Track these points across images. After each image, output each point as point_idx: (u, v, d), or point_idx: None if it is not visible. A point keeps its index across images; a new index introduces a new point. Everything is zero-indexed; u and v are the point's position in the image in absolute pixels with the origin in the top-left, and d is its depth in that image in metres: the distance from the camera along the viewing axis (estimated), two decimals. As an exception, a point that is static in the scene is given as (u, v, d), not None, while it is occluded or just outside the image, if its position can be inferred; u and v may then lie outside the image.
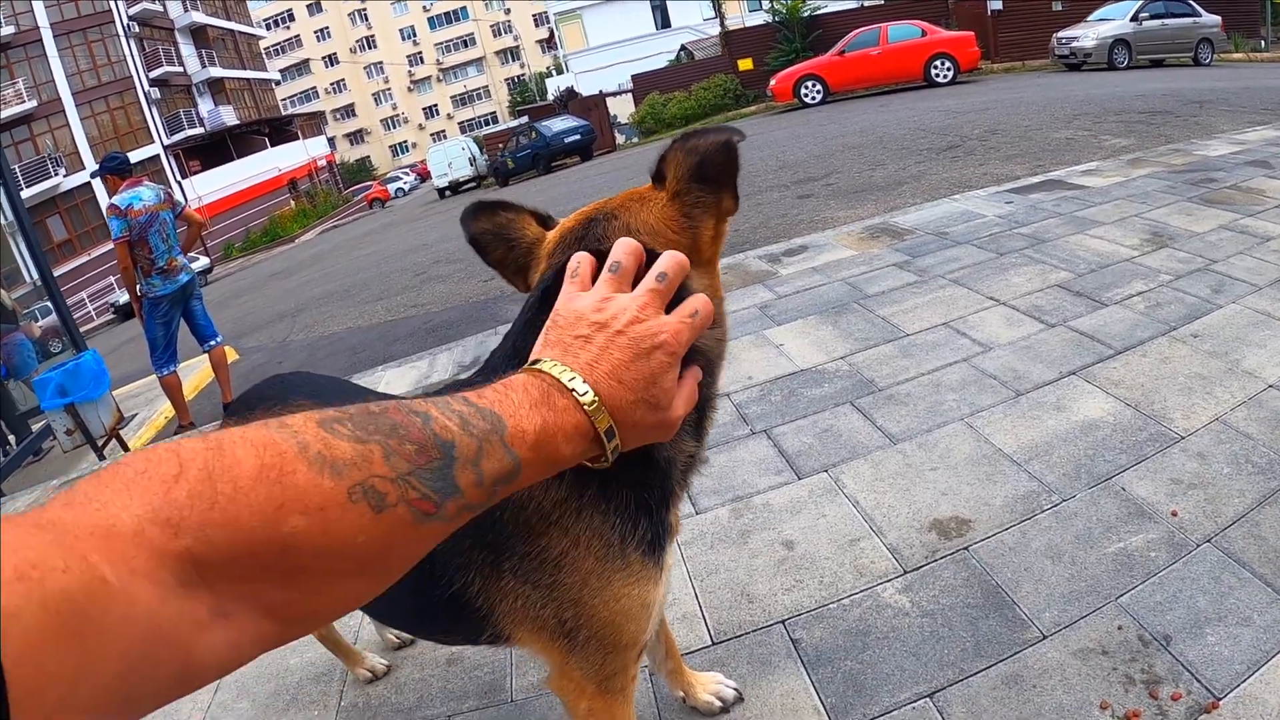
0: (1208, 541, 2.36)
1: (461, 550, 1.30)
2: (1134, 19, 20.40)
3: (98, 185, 36.74)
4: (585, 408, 0.88)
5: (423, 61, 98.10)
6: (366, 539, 0.68)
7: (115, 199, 6.67)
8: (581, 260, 1.05)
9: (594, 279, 1.02)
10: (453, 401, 0.81)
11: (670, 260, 1.01)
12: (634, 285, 1.00)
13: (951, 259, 5.30)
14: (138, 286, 6.89)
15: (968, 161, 9.14)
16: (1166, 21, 20.58)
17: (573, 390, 0.88)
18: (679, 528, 1.42)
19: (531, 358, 0.95)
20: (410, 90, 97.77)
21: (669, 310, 0.98)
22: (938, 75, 21.78)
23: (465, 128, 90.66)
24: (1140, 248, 4.90)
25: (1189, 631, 2.06)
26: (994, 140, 10.29)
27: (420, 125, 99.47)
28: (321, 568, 0.67)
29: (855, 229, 6.58)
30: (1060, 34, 21.77)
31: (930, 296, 4.69)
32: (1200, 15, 20.85)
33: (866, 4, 40.06)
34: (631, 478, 1.20)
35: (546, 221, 1.32)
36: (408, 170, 68.81)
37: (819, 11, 30.37)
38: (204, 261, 34.16)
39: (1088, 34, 20.62)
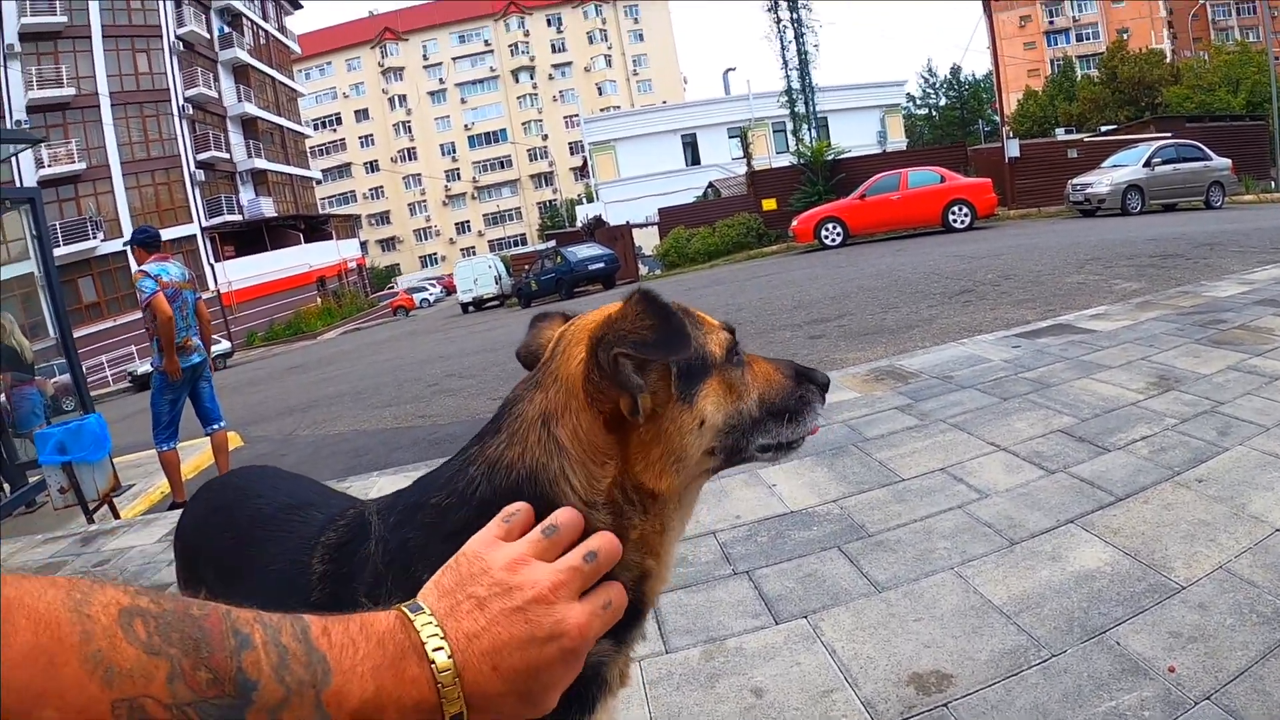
0: (1207, 699, 2.19)
1: None
2: (1146, 164, 20.80)
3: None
4: (438, 686, 0.76)
5: (460, 178, 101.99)
6: None
7: (146, 266, 6.85)
8: (520, 510, 0.93)
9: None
10: (286, 630, 0.72)
11: (604, 541, 0.91)
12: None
13: (954, 403, 5.21)
14: (150, 359, 7.13)
15: (979, 306, 9.13)
16: (1178, 166, 20.98)
17: (433, 663, 0.76)
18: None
19: (419, 596, 0.84)
20: (445, 204, 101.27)
21: None
22: (955, 221, 22.09)
23: (495, 246, 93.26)
24: (1146, 391, 4.80)
25: (1182, 803, 1.89)
26: (1006, 285, 10.31)
27: (451, 239, 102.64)
28: None
29: (860, 371, 6.52)
30: (1075, 181, 22.17)
31: (930, 441, 4.59)
32: (1211, 159, 21.28)
33: (889, 149, 41.15)
34: None
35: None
36: (433, 282, 70.61)
37: (842, 155, 31.13)
38: (225, 345, 34.96)
39: (1101, 180, 20.98)
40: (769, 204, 31.10)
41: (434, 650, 0.76)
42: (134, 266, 7.11)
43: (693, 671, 2.73)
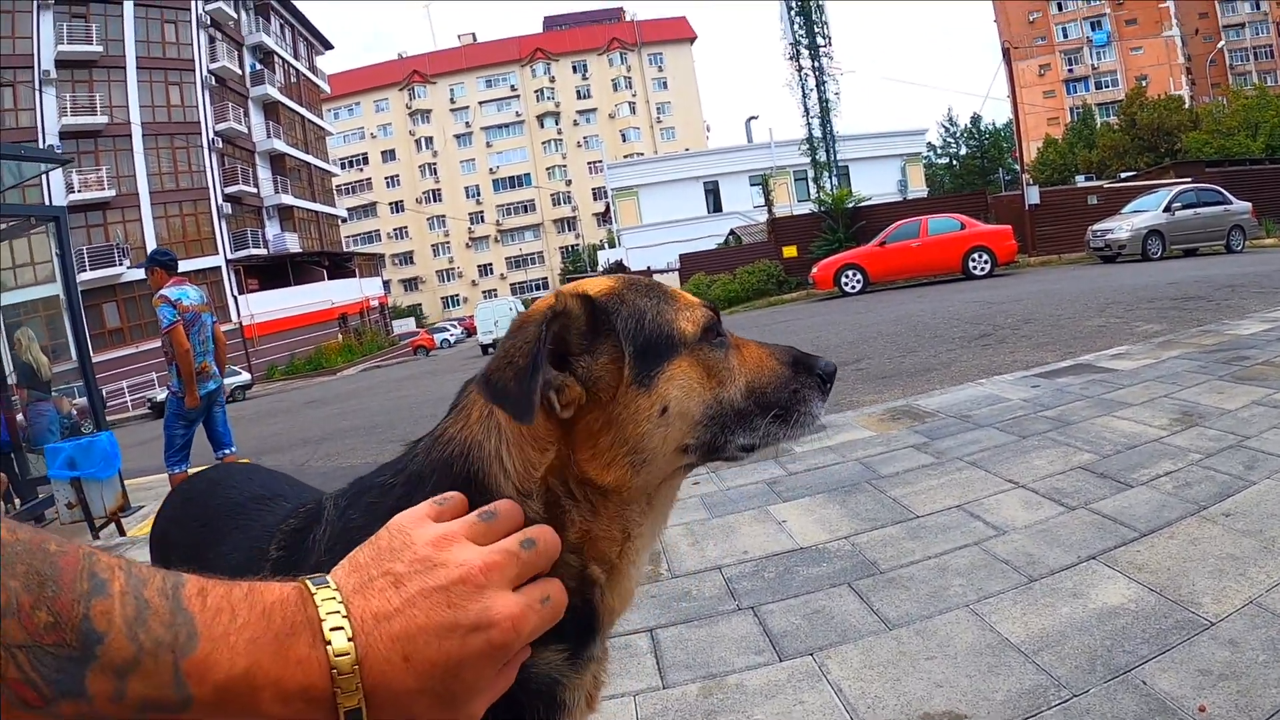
0: (1240, 741, 2.06)
1: None
2: (1167, 209, 20.72)
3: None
4: (332, 672, 0.64)
5: (483, 220, 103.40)
6: None
7: (165, 290, 6.90)
8: (452, 496, 0.81)
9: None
10: (155, 583, 0.62)
11: (546, 531, 0.80)
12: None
13: (971, 441, 5.09)
14: (169, 383, 7.07)
15: (999, 349, 9.00)
16: (1199, 210, 20.89)
17: (328, 644, 0.64)
18: None
19: (329, 573, 0.72)
20: (468, 246, 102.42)
21: None
22: (975, 268, 21.99)
23: (516, 289, 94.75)
24: (1169, 427, 4.67)
25: None
26: (1026, 329, 10.19)
27: (474, 281, 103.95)
28: None
29: (876, 410, 6.41)
30: (1095, 227, 22.07)
31: (946, 478, 4.45)
32: (1231, 203, 21.20)
33: (909, 198, 41.21)
34: None
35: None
36: (455, 323, 71.03)
37: (863, 203, 31.07)
38: (245, 377, 35.51)
39: (1122, 226, 20.87)
40: (790, 251, 31.04)
41: (331, 630, 0.65)
42: (154, 288, 7.13)
43: (689, 708, 2.61)
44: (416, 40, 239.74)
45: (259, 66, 56.01)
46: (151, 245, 43.10)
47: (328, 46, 70.72)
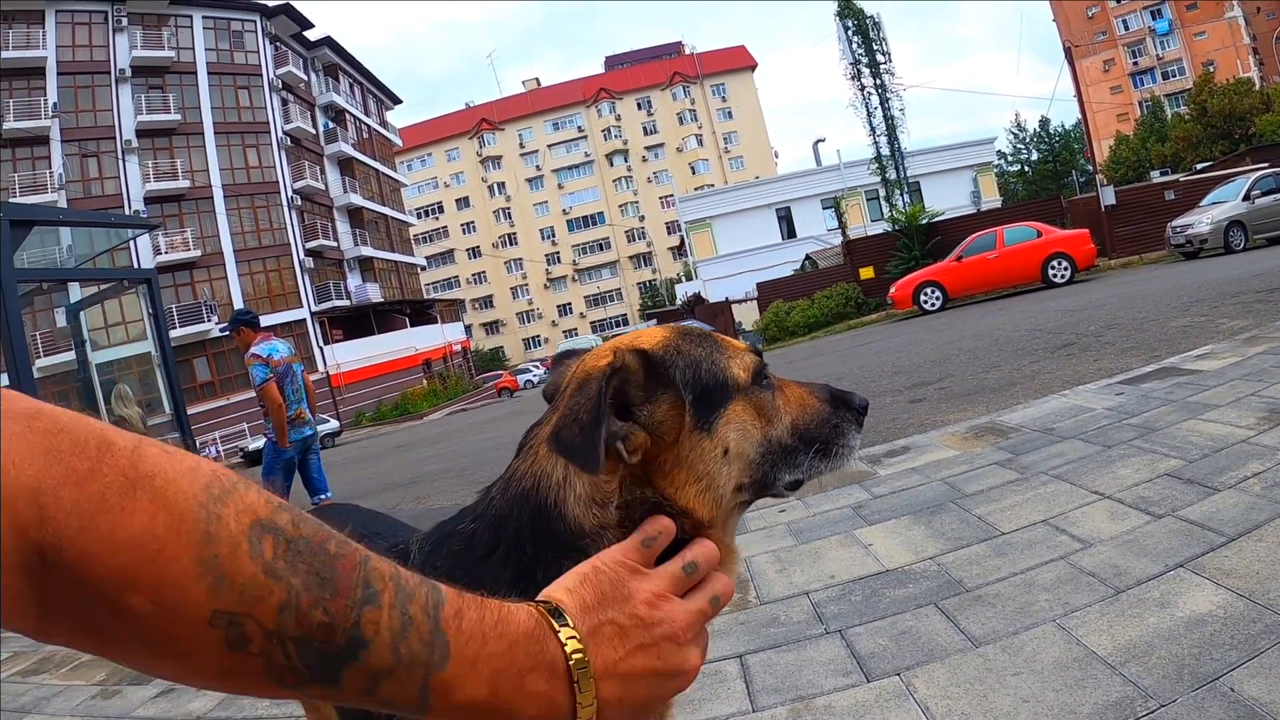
0: (1335, 745, 2.06)
1: None
2: (1246, 198, 20.12)
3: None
4: (576, 704, 0.74)
5: (560, 261, 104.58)
6: (203, 660, 0.59)
7: (256, 348, 7.18)
8: (663, 530, 0.90)
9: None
10: (419, 599, 0.69)
11: (723, 584, 0.91)
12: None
13: (1056, 454, 5.05)
14: (265, 431, 7.41)
15: (1082, 358, 8.88)
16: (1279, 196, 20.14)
17: (575, 684, 0.74)
18: None
19: (549, 596, 0.81)
20: (546, 287, 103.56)
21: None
22: (1055, 275, 21.64)
23: (596, 327, 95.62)
24: (1256, 426, 4.59)
25: None
26: (1109, 335, 10.03)
27: (553, 321, 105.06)
28: (146, 652, 0.58)
29: (959, 429, 6.39)
30: (1174, 223, 21.59)
31: (1031, 494, 4.44)
32: (1314, 185, 20.41)
33: (983, 209, 40.70)
34: None
35: None
36: (538, 364, 71.54)
37: (936, 218, 30.80)
38: (334, 425, 36.07)
39: (1201, 219, 20.36)
40: (866, 272, 30.90)
41: (578, 669, 0.75)
42: (241, 346, 7.42)
43: (780, 731, 2.65)
44: (481, 89, 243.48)
45: (331, 125, 57.83)
46: (238, 301, 44.96)
47: (396, 101, 72.46)
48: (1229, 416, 4.93)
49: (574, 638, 0.76)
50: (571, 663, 0.74)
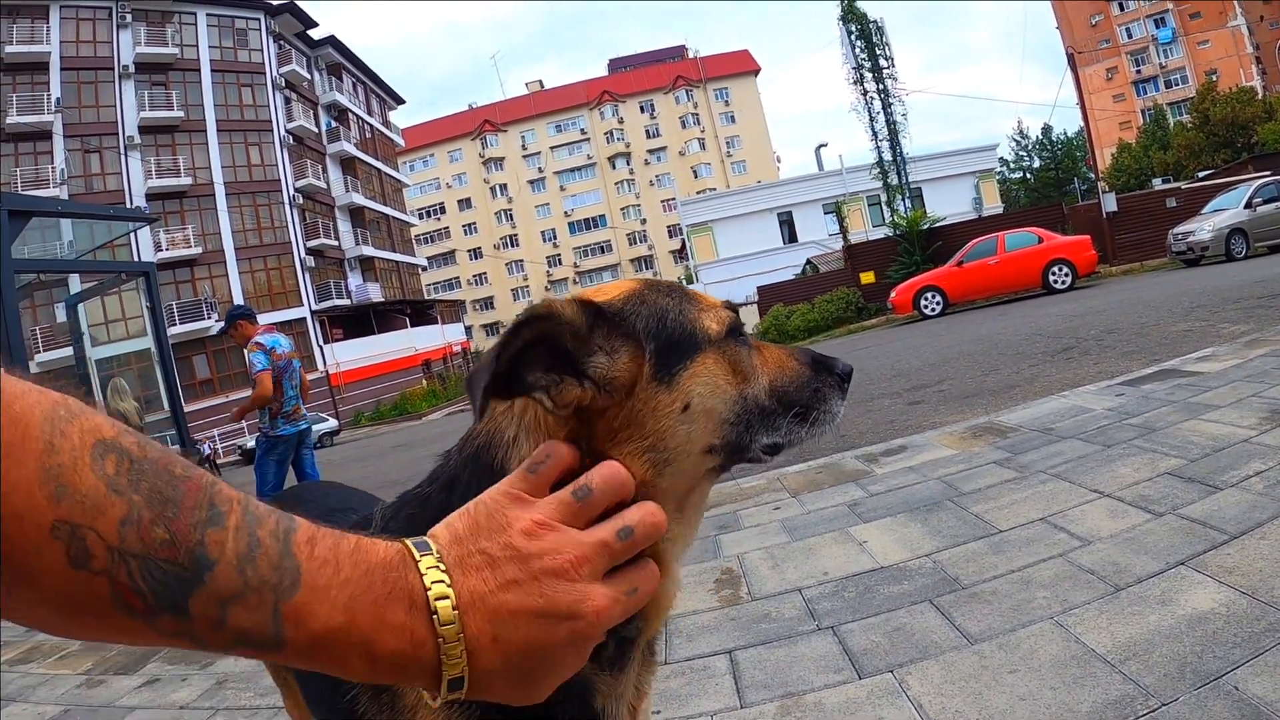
0: (1341, 745, 1.99)
1: None
2: (1248, 205, 20.18)
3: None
4: (439, 641, 0.67)
5: (561, 263, 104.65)
6: (51, 584, 0.56)
7: (260, 338, 7.21)
8: (553, 454, 0.81)
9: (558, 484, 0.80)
10: (269, 524, 0.66)
11: (644, 514, 0.80)
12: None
13: (1055, 453, 5.00)
14: (262, 426, 7.38)
15: (1083, 362, 8.83)
16: (1280, 204, 20.19)
17: (434, 614, 0.67)
18: None
19: (429, 533, 0.75)
20: (547, 289, 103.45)
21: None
22: (1056, 281, 21.61)
23: None
24: (1258, 427, 4.53)
25: None
26: (1110, 339, 9.99)
27: None
28: None
29: (958, 429, 6.34)
30: (1175, 230, 21.62)
31: (1029, 492, 4.38)
32: (1316, 192, 20.44)
33: (984, 214, 40.67)
34: None
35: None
36: None
37: (938, 223, 30.78)
38: (333, 424, 36.12)
39: (1203, 226, 20.40)
40: (867, 277, 30.83)
41: (437, 599, 0.68)
42: (240, 341, 7.38)
43: (768, 728, 2.59)
44: (485, 91, 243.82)
45: (334, 124, 57.90)
46: (239, 298, 45.19)
47: (399, 101, 72.51)
48: (1230, 417, 4.87)
49: (435, 567, 0.70)
50: (431, 592, 0.68)
